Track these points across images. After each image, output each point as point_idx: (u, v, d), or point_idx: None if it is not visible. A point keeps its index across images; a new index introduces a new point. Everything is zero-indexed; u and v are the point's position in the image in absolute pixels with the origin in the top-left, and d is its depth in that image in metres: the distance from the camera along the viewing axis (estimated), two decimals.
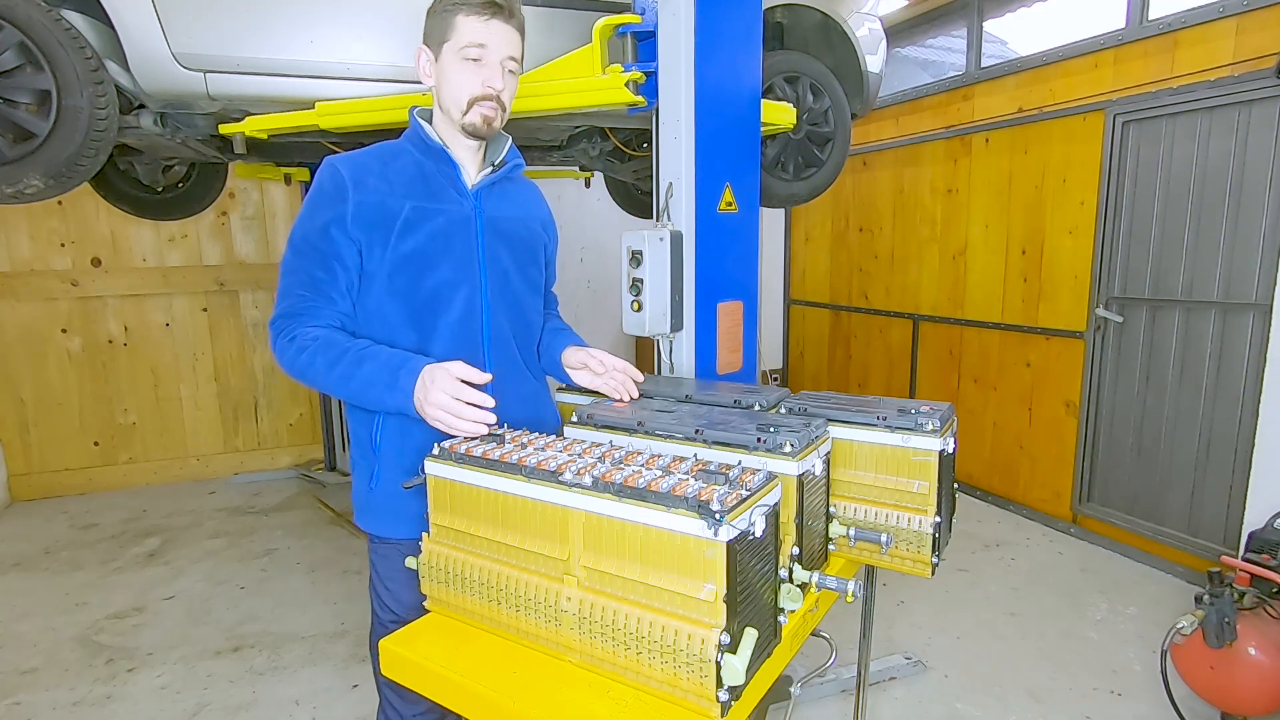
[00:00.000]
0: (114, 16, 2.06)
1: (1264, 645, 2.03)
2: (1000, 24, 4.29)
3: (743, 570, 0.93)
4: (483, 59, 1.31)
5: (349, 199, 1.31)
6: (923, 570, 1.32)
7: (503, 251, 1.43)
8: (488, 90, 1.32)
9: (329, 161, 1.34)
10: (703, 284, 2.17)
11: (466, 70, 1.31)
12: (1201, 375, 3.20)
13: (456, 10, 1.29)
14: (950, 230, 4.43)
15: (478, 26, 1.29)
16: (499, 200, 1.45)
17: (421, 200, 1.35)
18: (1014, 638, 2.84)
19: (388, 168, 1.36)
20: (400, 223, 1.32)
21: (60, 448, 4.46)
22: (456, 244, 1.38)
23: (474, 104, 1.33)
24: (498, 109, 1.35)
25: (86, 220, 4.37)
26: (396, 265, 1.34)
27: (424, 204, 1.35)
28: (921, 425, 1.30)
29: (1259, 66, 2.86)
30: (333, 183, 1.32)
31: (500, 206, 1.45)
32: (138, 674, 2.63)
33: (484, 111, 1.33)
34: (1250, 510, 2.61)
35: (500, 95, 1.34)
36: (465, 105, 1.33)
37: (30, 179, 1.96)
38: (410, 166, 1.37)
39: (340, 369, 1.25)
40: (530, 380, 1.53)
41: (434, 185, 1.38)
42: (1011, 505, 4.15)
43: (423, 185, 1.37)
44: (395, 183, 1.35)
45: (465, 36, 1.29)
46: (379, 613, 1.47)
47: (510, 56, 1.33)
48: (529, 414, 1.49)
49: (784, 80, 2.76)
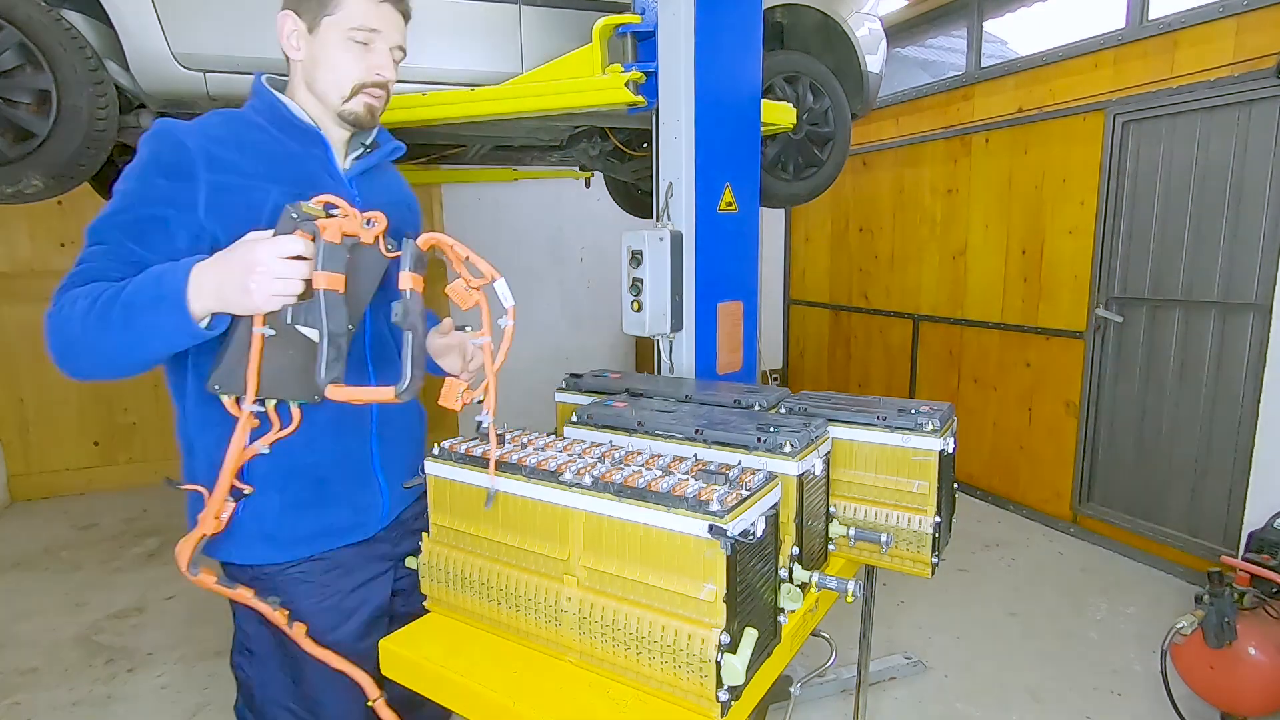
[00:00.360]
0: (114, 16, 2.06)
1: (1264, 645, 2.03)
2: (1000, 24, 4.30)
3: (743, 570, 0.93)
4: (372, 44, 1.18)
5: (199, 180, 1.08)
6: (923, 570, 1.32)
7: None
8: (378, 78, 1.20)
9: (167, 128, 1.09)
10: (703, 284, 2.17)
11: (352, 53, 1.17)
12: (1201, 375, 3.20)
13: None
14: (950, 230, 4.43)
15: (369, 8, 1.16)
16: (374, 185, 1.30)
17: (291, 186, 1.14)
18: (1014, 638, 2.84)
19: (243, 142, 1.15)
20: (268, 212, 1.10)
21: (60, 448, 4.46)
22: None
23: (359, 91, 1.19)
24: (384, 98, 1.23)
25: (86, 220, 4.29)
26: None
27: (295, 190, 1.12)
28: (921, 425, 1.30)
29: (1259, 66, 2.86)
30: (175, 155, 1.08)
31: (375, 193, 1.29)
32: (138, 674, 2.63)
33: (368, 100, 1.20)
34: (1250, 510, 2.61)
35: (389, 84, 1.22)
36: (349, 91, 1.18)
37: (30, 179, 1.96)
38: (269, 144, 1.18)
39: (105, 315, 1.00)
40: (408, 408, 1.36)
41: (305, 169, 1.19)
42: (1011, 505, 4.15)
43: (289, 168, 1.17)
44: (256, 164, 1.14)
45: (355, 17, 1.15)
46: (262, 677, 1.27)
47: (399, 45, 1.22)
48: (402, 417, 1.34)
49: (784, 80, 2.76)
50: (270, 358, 1.03)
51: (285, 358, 1.04)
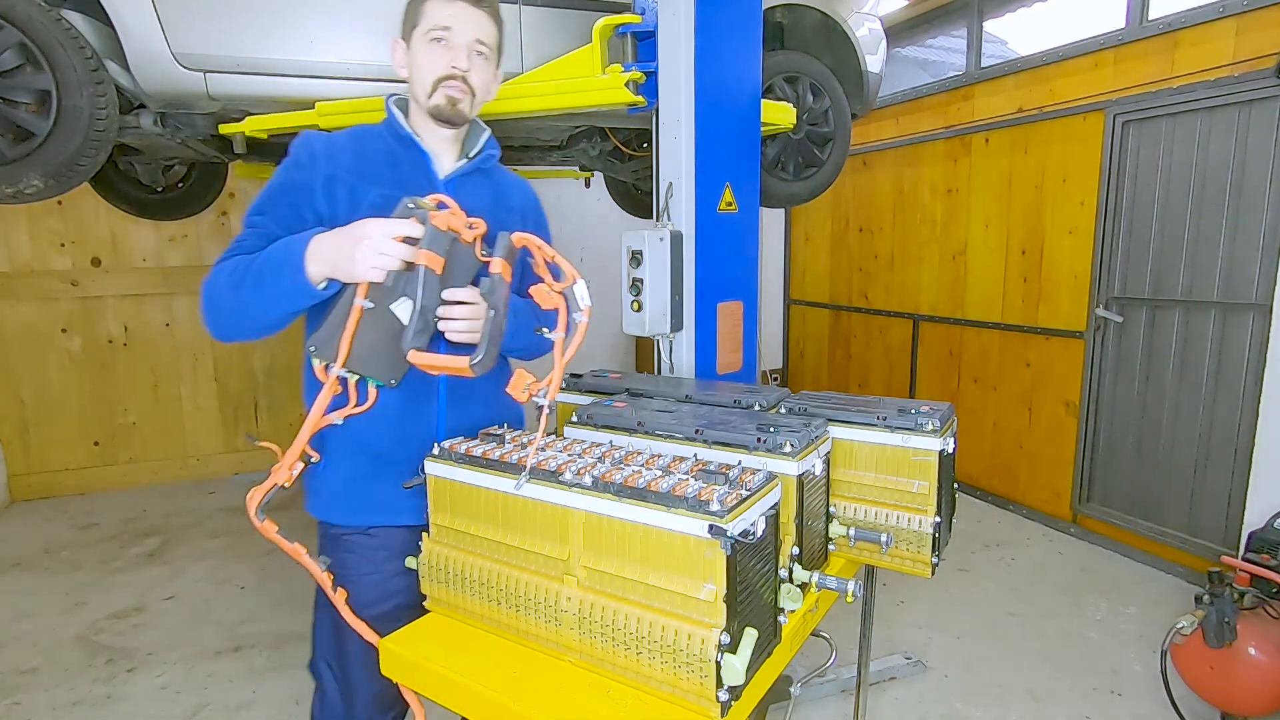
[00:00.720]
0: (114, 16, 2.06)
1: (1264, 645, 2.03)
2: (1000, 24, 4.30)
3: (743, 570, 0.93)
4: (448, 40, 1.28)
5: (320, 171, 1.28)
6: (923, 570, 1.32)
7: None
8: (452, 70, 1.29)
9: (304, 135, 1.32)
10: (703, 284, 2.17)
11: (432, 52, 1.29)
12: (1201, 375, 3.20)
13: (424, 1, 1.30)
14: (950, 230, 4.43)
15: (443, 9, 1.28)
16: (471, 192, 1.39)
17: (389, 188, 1.29)
18: (1014, 638, 2.84)
19: (362, 149, 1.33)
20: (365, 209, 1.27)
21: (60, 448, 4.46)
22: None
23: (439, 85, 1.29)
24: (465, 91, 1.31)
25: (86, 220, 4.37)
26: None
27: (391, 191, 1.27)
28: (921, 425, 1.30)
29: (1259, 66, 2.87)
30: (307, 153, 1.29)
31: (472, 199, 1.37)
32: (138, 674, 2.63)
33: (449, 92, 1.29)
34: (1250, 510, 2.61)
35: (467, 76, 1.30)
36: (430, 87, 1.30)
37: (30, 179, 1.96)
38: (382, 152, 1.34)
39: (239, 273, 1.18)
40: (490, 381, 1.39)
41: (403, 172, 1.34)
42: (1011, 505, 4.15)
43: (392, 172, 1.33)
44: (366, 167, 1.31)
45: (431, 19, 1.28)
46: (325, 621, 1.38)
47: (479, 40, 1.30)
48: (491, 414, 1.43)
49: (784, 80, 2.76)
50: (363, 333, 1.14)
51: (376, 336, 1.15)
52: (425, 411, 1.37)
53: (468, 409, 1.40)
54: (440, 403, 1.38)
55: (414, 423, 1.35)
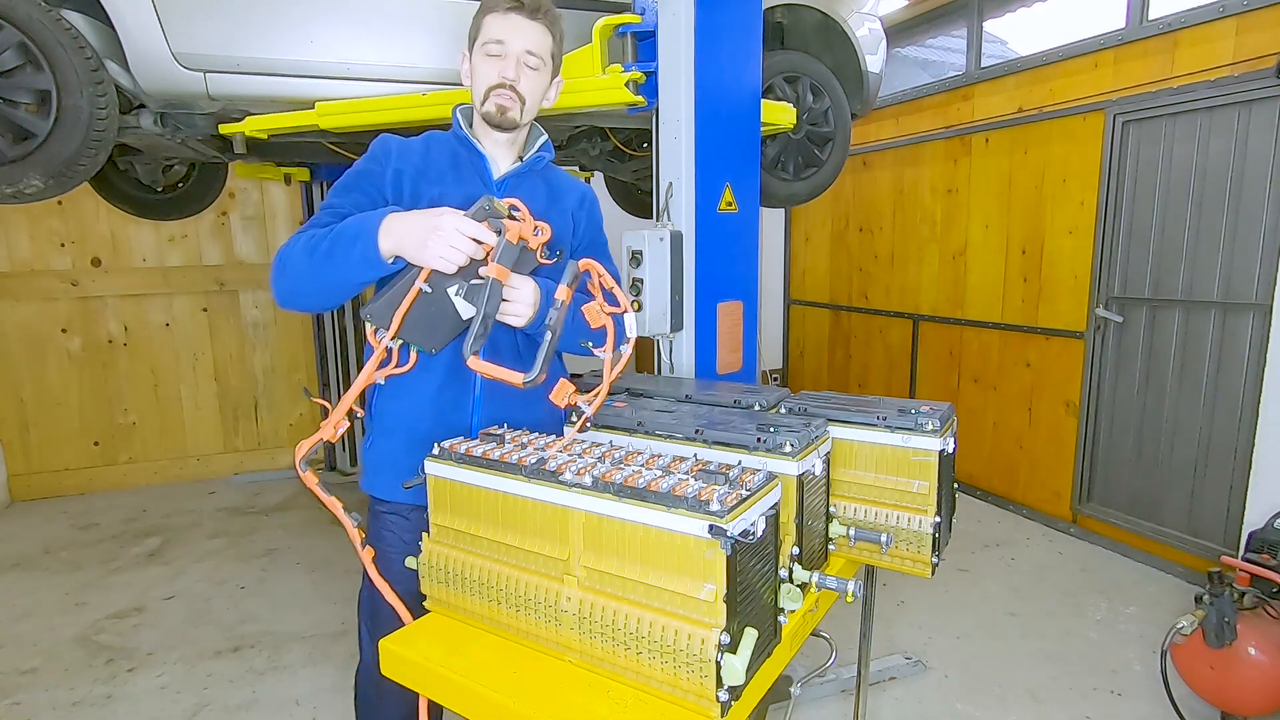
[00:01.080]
0: (114, 16, 2.06)
1: (1264, 645, 2.03)
2: (1000, 24, 4.30)
3: (743, 570, 0.93)
4: (501, 53, 1.38)
5: (390, 164, 1.40)
6: (923, 570, 1.32)
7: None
8: (502, 79, 1.38)
9: (382, 136, 1.45)
10: (703, 284, 2.17)
11: (487, 64, 1.39)
12: (1201, 375, 3.20)
13: (486, 12, 1.39)
14: (950, 230, 4.43)
15: (499, 22, 1.37)
16: (525, 193, 1.46)
17: (449, 186, 1.41)
18: (1014, 638, 2.84)
19: (429, 152, 1.44)
20: (425, 204, 1.37)
21: (60, 448, 4.46)
22: None
23: (490, 93, 1.39)
24: (514, 99, 1.39)
25: (86, 220, 4.37)
26: None
27: (449, 189, 1.40)
28: (921, 425, 1.30)
29: (1259, 66, 2.87)
30: (381, 148, 1.42)
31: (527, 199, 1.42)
32: (138, 674, 2.63)
33: (499, 100, 1.39)
34: (1250, 510, 2.61)
35: (515, 85, 1.38)
36: (484, 95, 1.40)
37: (30, 179, 1.96)
38: (447, 155, 1.45)
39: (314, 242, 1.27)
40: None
41: (463, 173, 1.45)
42: (1011, 505, 4.15)
43: (454, 173, 1.44)
44: (431, 167, 1.42)
45: (486, 33, 1.38)
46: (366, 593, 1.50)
47: (529, 51, 1.39)
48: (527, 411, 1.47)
49: (784, 80, 2.76)
50: (416, 308, 1.21)
51: (427, 312, 1.23)
52: (462, 400, 1.44)
53: (504, 403, 1.45)
54: (477, 394, 1.44)
55: (451, 408, 1.43)
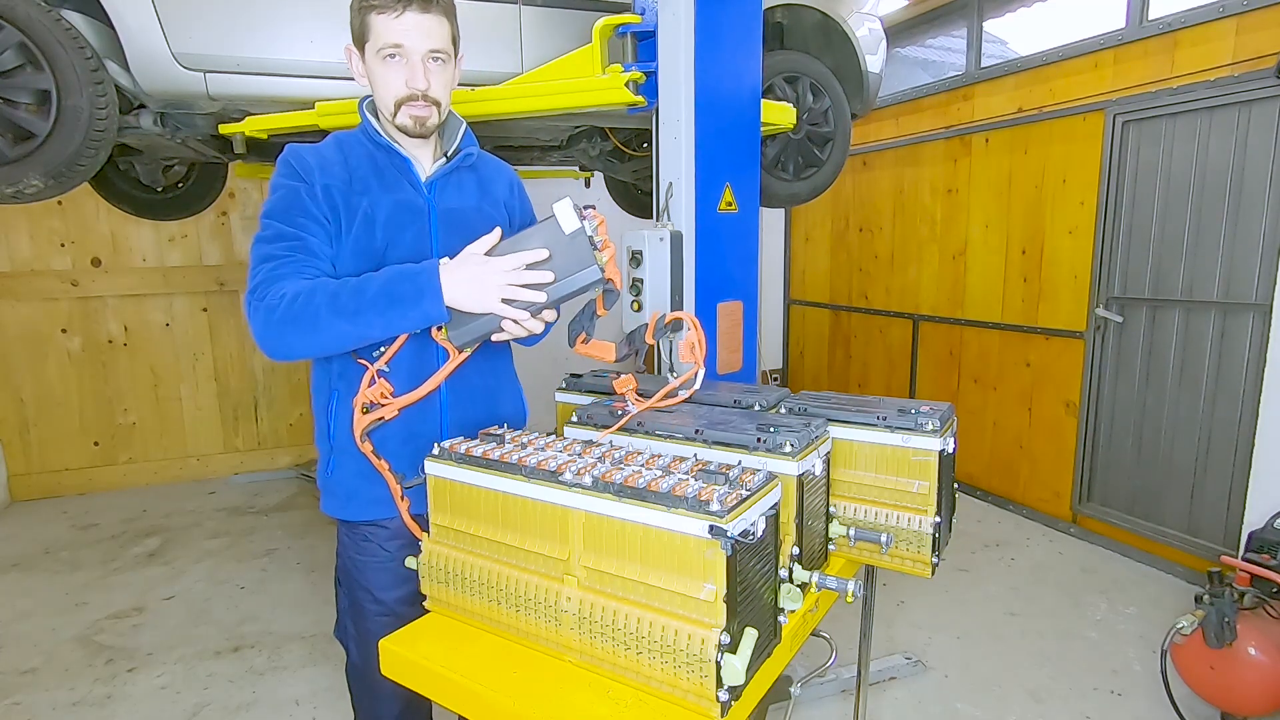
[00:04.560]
0: (114, 16, 2.06)
1: (1264, 645, 2.03)
2: (1000, 24, 4.29)
3: (743, 570, 0.93)
4: (402, 57, 1.26)
5: (316, 180, 1.30)
6: (923, 570, 1.32)
7: (458, 245, 1.33)
8: (412, 90, 1.27)
9: (290, 149, 1.33)
10: (703, 284, 2.17)
11: (389, 70, 1.27)
12: (1201, 375, 3.20)
13: (368, 10, 1.25)
14: (950, 230, 4.43)
15: (390, 24, 1.23)
16: (455, 191, 1.42)
17: (377, 195, 1.34)
18: (1014, 638, 2.84)
19: (347, 160, 1.34)
20: (359, 217, 1.31)
21: (60, 448, 4.46)
22: (408, 239, 1.36)
23: (400, 106, 1.29)
24: (430, 107, 1.30)
25: (86, 220, 4.37)
26: (352, 260, 1.32)
27: (378, 198, 1.33)
28: (921, 425, 1.30)
29: (1259, 66, 2.86)
30: (300, 163, 1.31)
31: (455, 198, 1.42)
32: (138, 674, 2.63)
33: (413, 112, 1.29)
34: (1250, 510, 2.61)
35: (427, 93, 1.28)
36: (394, 108, 1.30)
37: (30, 179, 1.96)
38: (366, 161, 1.36)
39: (344, 300, 1.19)
40: (491, 376, 1.50)
41: (388, 179, 1.36)
42: (1011, 505, 4.15)
43: (378, 180, 1.35)
44: (354, 177, 1.33)
45: (381, 37, 1.25)
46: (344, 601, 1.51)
47: (433, 49, 1.27)
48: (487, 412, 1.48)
49: (784, 80, 2.76)
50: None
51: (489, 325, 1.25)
52: (428, 411, 1.41)
53: (467, 409, 1.45)
54: (442, 403, 1.42)
55: (418, 421, 1.39)
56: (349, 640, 1.54)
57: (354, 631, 1.51)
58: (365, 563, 1.44)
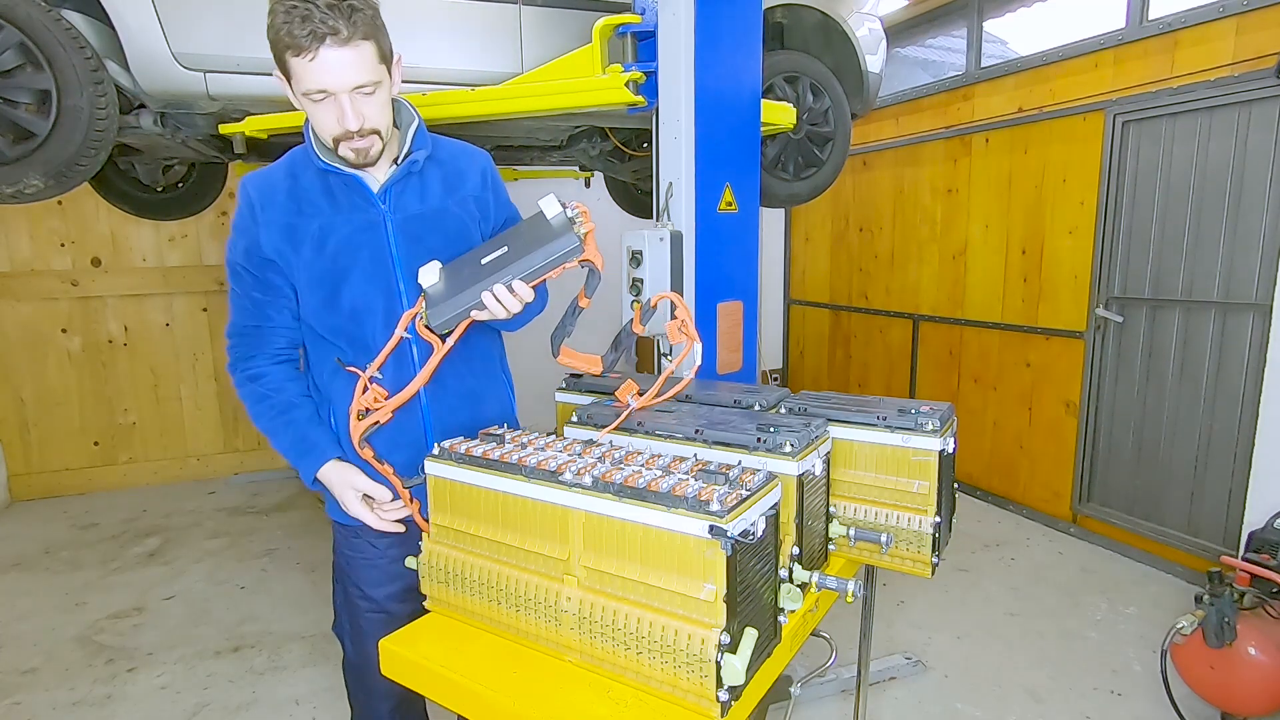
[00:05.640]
0: (114, 16, 2.06)
1: (1264, 645, 2.03)
2: (1000, 24, 4.29)
3: (743, 570, 0.93)
4: (328, 99, 1.20)
5: (258, 220, 1.32)
6: (923, 570, 1.32)
7: (422, 253, 1.34)
8: (346, 130, 1.23)
9: (241, 182, 1.37)
10: (703, 284, 2.17)
11: (319, 110, 1.22)
12: (1201, 375, 3.20)
13: (283, 51, 1.16)
14: (950, 230, 4.43)
15: (307, 67, 1.16)
16: (415, 196, 1.38)
17: (328, 216, 1.33)
18: (1014, 638, 2.84)
19: (296, 184, 1.33)
20: (310, 242, 1.32)
21: (60, 448, 4.46)
22: (364, 255, 1.34)
23: (339, 144, 1.26)
24: (369, 138, 1.26)
25: (86, 220, 4.37)
26: (311, 285, 1.34)
27: (330, 219, 1.32)
28: (921, 425, 1.30)
29: (1259, 66, 2.86)
30: (246, 204, 1.34)
31: (415, 202, 1.38)
32: (138, 674, 2.63)
33: (354, 145, 1.26)
34: (1250, 510, 2.61)
35: (362, 128, 1.23)
36: (331, 144, 1.27)
37: (30, 179, 1.96)
38: (317, 179, 1.34)
39: (265, 423, 1.38)
40: (471, 379, 1.49)
41: (339, 200, 1.34)
42: (1011, 505, 4.15)
43: (329, 201, 1.33)
44: (303, 200, 1.33)
45: (302, 82, 1.18)
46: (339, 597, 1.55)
47: (358, 85, 1.19)
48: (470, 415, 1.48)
49: (784, 80, 2.76)
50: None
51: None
52: (411, 415, 1.42)
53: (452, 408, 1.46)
54: (423, 406, 1.43)
55: (403, 427, 1.41)
56: (345, 636, 1.55)
57: (348, 627, 1.53)
58: (354, 559, 1.47)
